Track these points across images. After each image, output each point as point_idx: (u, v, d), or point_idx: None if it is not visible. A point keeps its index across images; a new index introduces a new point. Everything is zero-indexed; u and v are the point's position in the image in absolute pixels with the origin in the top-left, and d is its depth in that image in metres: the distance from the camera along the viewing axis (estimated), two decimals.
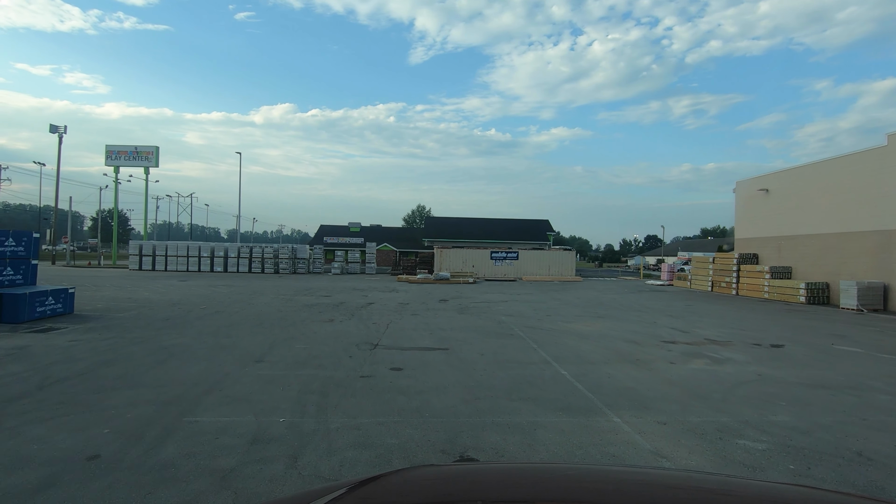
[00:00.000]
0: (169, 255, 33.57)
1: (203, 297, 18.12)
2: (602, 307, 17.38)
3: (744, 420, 5.43)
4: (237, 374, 7.09)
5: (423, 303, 17.72)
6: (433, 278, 28.99)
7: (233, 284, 24.19)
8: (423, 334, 10.85)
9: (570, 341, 10.23)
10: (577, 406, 5.84)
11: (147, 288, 21.37)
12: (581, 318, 14.10)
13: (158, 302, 16.12)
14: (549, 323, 13.01)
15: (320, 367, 7.62)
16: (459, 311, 15.49)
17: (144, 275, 30.41)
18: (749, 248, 25.52)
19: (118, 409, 5.41)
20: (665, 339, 10.65)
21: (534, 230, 61.57)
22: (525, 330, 11.66)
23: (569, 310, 16.33)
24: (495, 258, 34.22)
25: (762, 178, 25.35)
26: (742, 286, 23.70)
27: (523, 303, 18.40)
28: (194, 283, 24.28)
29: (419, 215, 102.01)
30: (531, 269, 34.11)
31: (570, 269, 34.56)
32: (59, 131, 38.52)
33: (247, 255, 34.32)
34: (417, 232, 70.75)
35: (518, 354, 8.80)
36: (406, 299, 18.94)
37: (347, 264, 36.89)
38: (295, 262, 35.81)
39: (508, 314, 14.79)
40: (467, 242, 48.94)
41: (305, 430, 4.94)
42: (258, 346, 9.21)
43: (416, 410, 5.62)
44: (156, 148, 42.97)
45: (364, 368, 7.56)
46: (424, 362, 8.06)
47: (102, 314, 13.16)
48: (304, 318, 13.16)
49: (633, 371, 7.69)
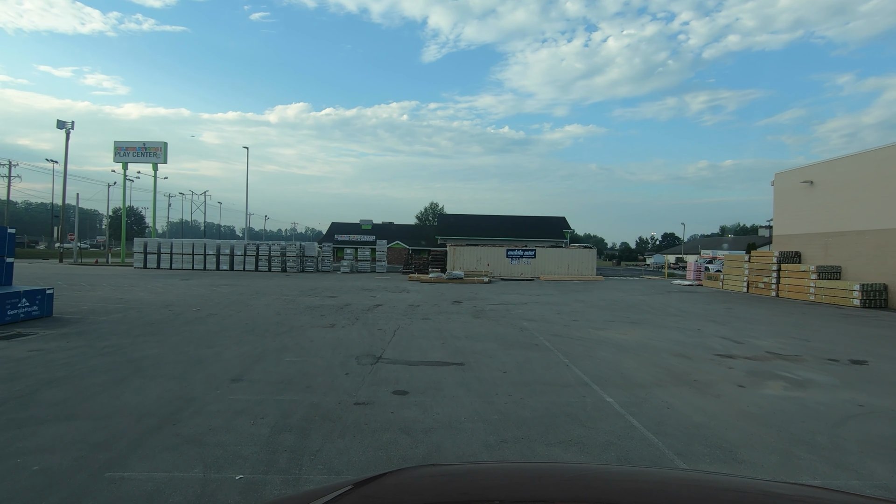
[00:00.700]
0: (174, 253, 32.47)
1: (201, 297, 16.95)
2: (633, 310, 15.75)
3: (881, 484, 3.88)
4: (204, 399, 5.74)
5: (435, 305, 16.30)
6: (446, 277, 27.50)
7: (236, 284, 23.07)
8: (435, 343, 9.42)
9: (607, 354, 8.70)
10: (641, 456, 4.35)
11: (145, 287, 20.32)
12: (613, 324, 12.52)
13: (151, 303, 14.97)
14: (578, 330, 11.48)
15: (308, 388, 6.24)
16: (475, 314, 14.04)
17: (148, 273, 29.51)
18: (790, 246, 23.49)
19: (26, 457, 4.07)
20: (719, 352, 9.06)
21: (550, 228, 59.78)
22: (551, 339, 10.16)
23: (596, 314, 14.75)
24: (511, 256, 32.45)
25: (806, 169, 23.22)
26: (783, 287, 21.74)
27: (545, 305, 16.86)
28: (196, 283, 23.22)
29: (432, 213, 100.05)
30: (549, 268, 32.32)
31: (591, 267, 32.66)
32: (66, 127, 37.93)
33: (253, 252, 33.04)
34: (430, 229, 69.42)
35: (548, 373, 7.32)
36: (417, 301, 17.55)
37: (357, 262, 35.41)
38: (303, 260, 34.38)
39: (530, 319, 13.28)
40: (481, 240, 47.42)
41: (268, 494, 3.55)
42: (242, 358, 7.88)
43: (423, 459, 4.21)
44: (164, 144, 42.23)
45: (361, 392, 6.16)
46: (435, 383, 6.63)
47: (84, 317, 12.01)
48: (303, 322, 11.84)
49: (695, 398, 6.15)
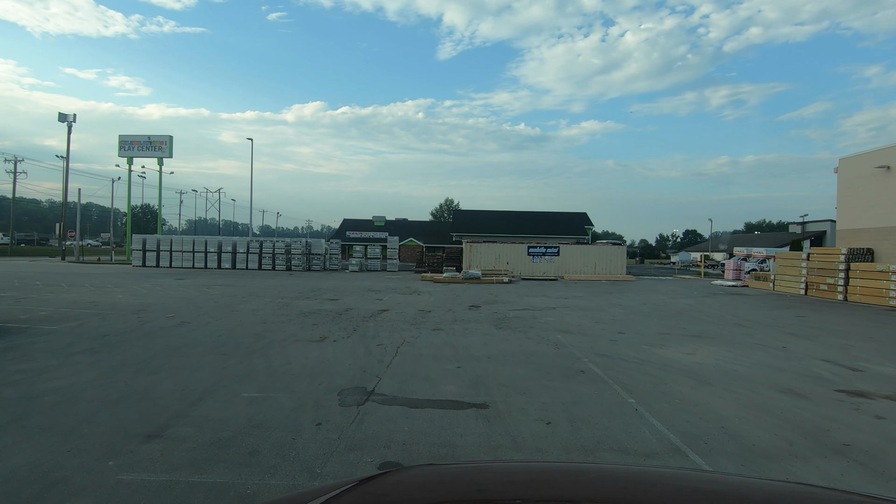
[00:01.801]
0: (175, 250, 30.67)
1: (184, 300, 14.98)
2: (686, 319, 13.25)
3: None
4: (73, 482, 3.57)
5: (450, 310, 14.04)
6: (461, 277, 25.16)
7: (232, 284, 21.12)
8: (448, 368, 7.17)
9: (685, 388, 6.32)
10: None
11: (129, 288, 18.49)
12: (670, 339, 10.09)
13: (123, 308, 13.04)
14: (629, 347, 9.09)
15: (251, 457, 4.04)
16: (497, 323, 11.74)
17: (144, 272, 27.87)
18: (859, 242, 20.53)
19: None
20: (839, 387, 6.59)
21: (571, 224, 57.07)
22: (599, 361, 7.80)
23: (644, 323, 12.31)
24: (533, 254, 29.76)
25: (880, 153, 20.10)
26: (853, 289, 18.83)
27: (578, 311, 14.45)
28: (190, 283, 21.37)
29: (447, 209, 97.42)
30: (574, 267, 29.65)
31: (621, 266, 29.83)
32: (67, 120, 36.65)
33: (257, 250, 31.01)
34: (445, 226, 67.24)
35: (613, 425, 4.98)
36: (428, 304, 15.32)
37: (367, 261, 33.14)
38: (309, 258, 32.23)
39: (564, 329, 10.93)
40: (499, 237, 45.03)
41: None
42: (183, 393, 5.74)
43: None
44: (169, 137, 40.75)
45: (330, 465, 3.93)
46: (447, 444, 4.37)
47: (31, 326, 10.08)
48: (288, 334, 9.71)
49: (874, 488, 3.76)
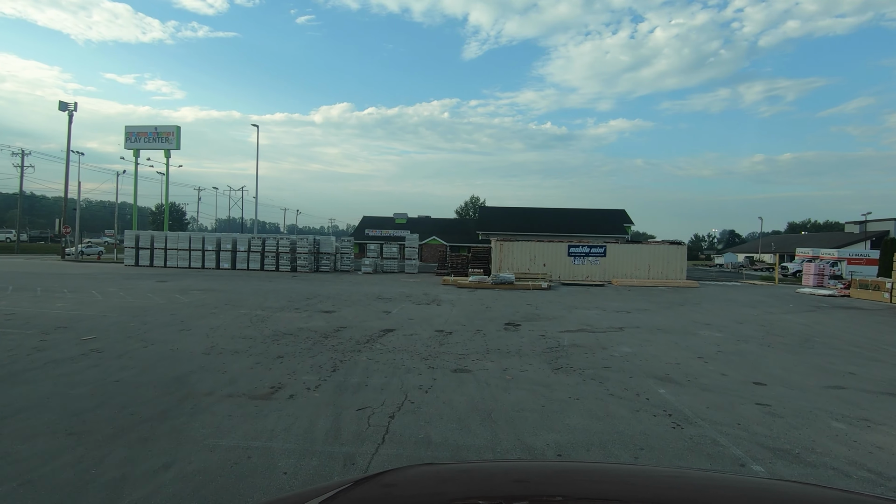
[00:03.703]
0: (170, 248, 27.74)
1: (133, 312, 11.61)
2: (833, 351, 9.02)
3: None
4: None
5: (479, 331, 10.19)
6: (491, 281, 21.17)
7: (215, 289, 17.72)
8: None
9: None
10: None
11: (89, 292, 15.29)
12: (868, 403, 5.97)
13: (41, 322, 9.73)
14: (808, 423, 5.05)
15: None
16: (550, 358, 7.81)
17: (131, 273, 24.86)
18: None
19: None
20: None
21: (608, 222, 52.28)
22: (776, 465, 3.80)
23: (774, 358, 8.16)
24: (574, 254, 25.47)
25: None
26: None
27: (656, 333, 10.37)
28: (168, 286, 18.15)
29: (472, 207, 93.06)
30: (624, 269, 25.35)
31: (680, 269, 25.18)
32: (68, 109, 34.39)
33: (258, 248, 27.63)
34: (471, 223, 63.24)
35: None
36: (450, 321, 11.51)
37: (382, 261, 29.39)
38: (317, 257, 28.68)
39: (660, 374, 6.93)
40: (530, 236, 40.82)
41: None
42: None
43: None
44: (176, 128, 38.17)
45: None
46: None
47: None
48: (225, 381, 6.07)
49: None
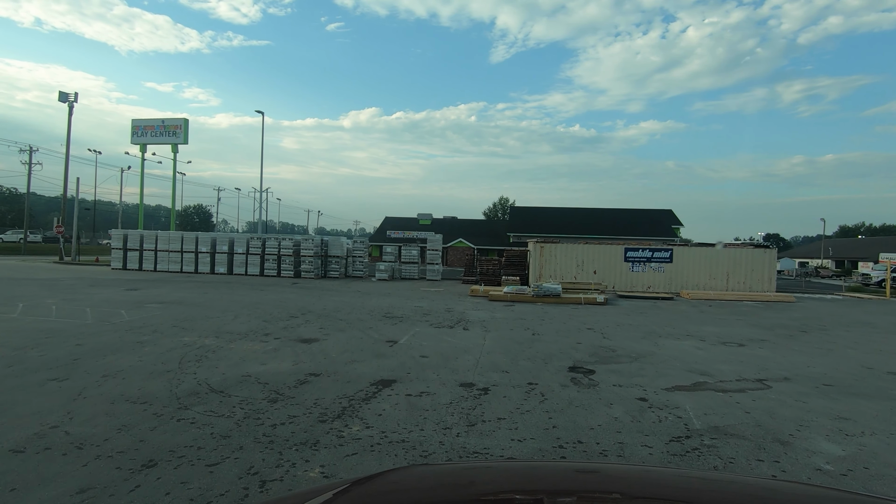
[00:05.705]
0: (160, 249, 24.78)
1: (44, 336, 8.14)
2: None
3: None
4: None
5: (531, 385, 6.19)
6: (531, 293, 17.05)
7: (183, 301, 14.05)
8: None
9: None
10: None
11: (13, 305, 12.01)
12: None
13: None
14: None
15: None
16: None
17: (112, 278, 22.00)
18: None
19: None
20: None
21: (654, 223, 47.31)
22: None
23: None
24: (632, 259, 20.89)
25: None
26: None
27: (844, 398, 6.12)
28: (135, 296, 14.81)
29: (501, 209, 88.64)
30: (695, 279, 20.73)
31: (769, 279, 20.40)
32: (69, 100, 32.20)
33: (258, 250, 24.14)
34: (500, 225, 59.01)
35: None
36: (482, 364, 7.53)
37: (401, 265, 25.85)
38: (325, 260, 24.98)
39: None
40: (568, 238, 36.34)
41: None
42: None
43: None
44: (184, 121, 35.57)
45: None
46: None
47: None
48: None
49: None
